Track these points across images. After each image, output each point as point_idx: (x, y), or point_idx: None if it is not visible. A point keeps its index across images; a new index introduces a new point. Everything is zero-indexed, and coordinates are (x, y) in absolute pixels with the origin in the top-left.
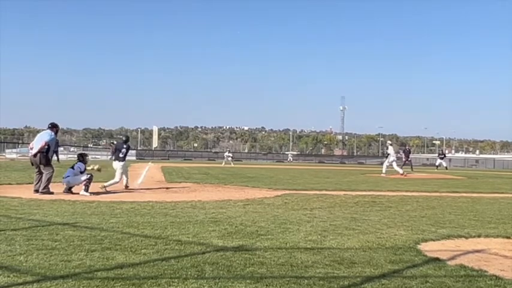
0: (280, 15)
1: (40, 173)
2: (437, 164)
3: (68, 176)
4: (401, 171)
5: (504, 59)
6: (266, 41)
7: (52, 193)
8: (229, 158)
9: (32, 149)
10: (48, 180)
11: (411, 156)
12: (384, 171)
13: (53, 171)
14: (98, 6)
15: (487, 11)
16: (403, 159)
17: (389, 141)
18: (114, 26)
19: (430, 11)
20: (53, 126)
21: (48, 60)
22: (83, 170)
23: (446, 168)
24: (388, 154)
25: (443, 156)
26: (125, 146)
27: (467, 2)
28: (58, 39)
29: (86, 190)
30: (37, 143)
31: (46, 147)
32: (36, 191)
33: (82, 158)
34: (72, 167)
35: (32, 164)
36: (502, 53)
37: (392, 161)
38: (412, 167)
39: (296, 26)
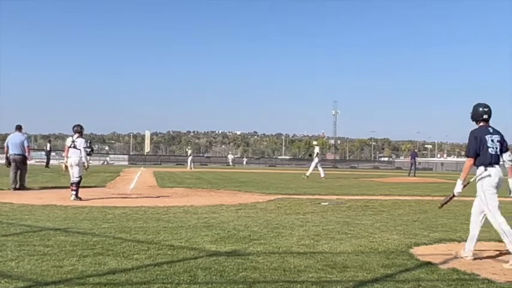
0: (274, 19)
1: (16, 171)
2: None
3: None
4: (322, 174)
5: (498, 62)
6: (258, 46)
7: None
8: (189, 158)
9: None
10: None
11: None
12: (308, 173)
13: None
14: (90, 15)
15: (483, 12)
16: (411, 162)
17: (315, 142)
18: (106, 31)
19: (422, 16)
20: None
21: (39, 65)
22: (84, 145)
23: None
24: (318, 154)
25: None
26: None
27: (460, 6)
28: (51, 45)
29: (76, 195)
30: (18, 145)
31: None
32: (22, 185)
33: (81, 129)
34: (75, 146)
35: (11, 163)
36: (496, 56)
37: (317, 162)
38: (414, 171)
39: (289, 31)
